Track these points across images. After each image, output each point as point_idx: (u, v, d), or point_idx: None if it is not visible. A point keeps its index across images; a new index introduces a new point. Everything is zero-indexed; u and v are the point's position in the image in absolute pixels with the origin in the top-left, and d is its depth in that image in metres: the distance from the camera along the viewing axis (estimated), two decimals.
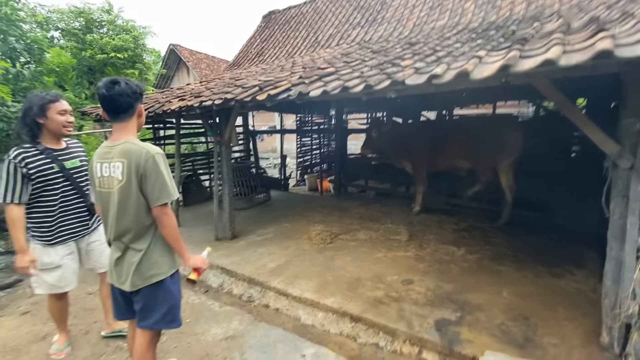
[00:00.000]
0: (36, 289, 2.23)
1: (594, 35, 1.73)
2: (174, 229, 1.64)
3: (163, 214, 1.59)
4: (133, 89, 1.58)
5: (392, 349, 2.44)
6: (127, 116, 1.61)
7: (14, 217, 1.96)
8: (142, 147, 1.56)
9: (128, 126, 1.63)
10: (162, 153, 1.62)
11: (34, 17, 7.85)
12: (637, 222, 1.94)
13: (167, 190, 1.57)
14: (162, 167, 1.57)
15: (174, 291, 1.75)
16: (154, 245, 1.66)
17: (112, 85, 1.54)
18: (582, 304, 2.68)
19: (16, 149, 1.99)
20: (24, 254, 2.01)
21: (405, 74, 2.10)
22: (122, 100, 1.55)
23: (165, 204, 1.59)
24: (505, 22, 4.08)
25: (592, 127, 2.03)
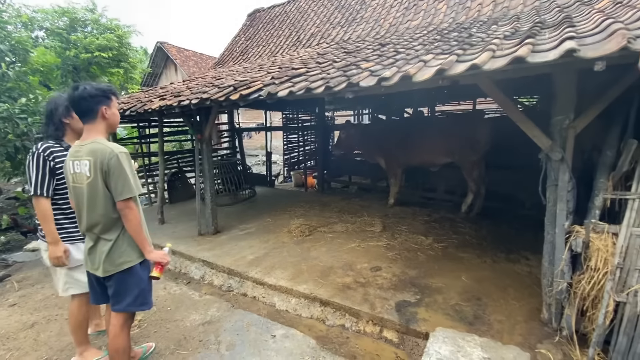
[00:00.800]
0: (68, 290, 2.20)
1: (521, 42, 1.94)
2: (136, 222, 1.76)
3: (126, 207, 1.72)
4: (92, 93, 1.71)
5: (356, 329, 2.66)
6: (90, 118, 1.75)
7: (45, 210, 2.02)
8: (107, 146, 1.71)
9: (94, 127, 1.77)
10: (126, 152, 1.76)
11: (19, 17, 7.83)
12: (565, 209, 2.17)
13: (128, 186, 1.71)
14: (125, 164, 1.71)
15: (144, 277, 1.91)
16: (123, 236, 1.81)
17: (72, 91, 1.71)
18: (531, 285, 2.93)
19: (43, 143, 2.07)
20: (57, 244, 2.05)
21: (361, 77, 2.30)
22: (82, 103, 1.71)
23: (128, 199, 1.72)
24: (471, 24, 4.29)
25: (528, 123, 2.25)
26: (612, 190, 2.06)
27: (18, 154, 5.76)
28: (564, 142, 2.17)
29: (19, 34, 7.54)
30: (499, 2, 4.78)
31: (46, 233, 2.03)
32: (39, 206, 2.01)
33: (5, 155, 5.52)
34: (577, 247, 2.10)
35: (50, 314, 3.00)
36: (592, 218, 2.11)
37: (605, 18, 1.90)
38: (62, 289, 2.21)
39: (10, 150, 5.50)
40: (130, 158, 1.78)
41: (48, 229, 2.02)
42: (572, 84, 2.10)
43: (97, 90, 1.73)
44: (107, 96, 1.78)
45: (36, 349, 2.51)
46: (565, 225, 2.17)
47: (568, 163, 2.17)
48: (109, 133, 1.91)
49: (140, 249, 1.86)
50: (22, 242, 6.51)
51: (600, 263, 1.95)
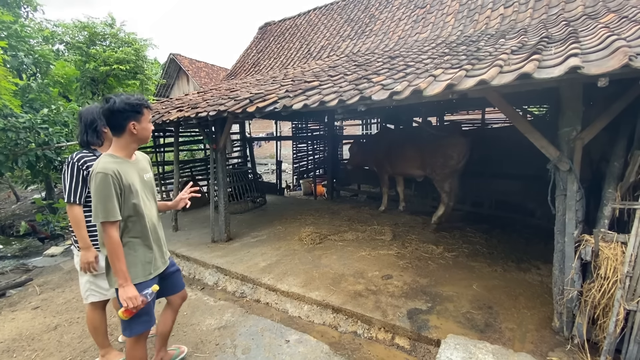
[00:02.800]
0: (89, 297, 2.28)
1: (528, 58, 2.03)
2: (109, 249, 1.66)
3: (102, 230, 1.67)
4: (121, 108, 1.67)
5: (369, 336, 2.71)
6: (118, 132, 1.73)
7: (79, 217, 2.11)
8: (97, 162, 1.69)
9: (118, 141, 1.76)
10: (104, 172, 1.63)
11: (41, 32, 8.22)
12: (574, 218, 2.22)
13: (96, 211, 1.63)
14: (93, 185, 1.63)
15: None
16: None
17: (104, 103, 1.70)
18: (542, 294, 2.95)
19: (77, 153, 2.18)
20: (88, 250, 2.14)
21: (373, 90, 2.41)
22: (112, 118, 1.69)
23: (103, 223, 1.64)
24: (479, 37, 4.40)
25: (536, 134, 2.32)
26: (620, 200, 2.11)
27: (38, 163, 6.01)
28: (571, 153, 2.23)
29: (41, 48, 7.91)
30: (507, 15, 4.88)
31: (78, 239, 2.14)
32: (72, 213, 2.12)
33: (27, 164, 5.76)
34: (586, 256, 2.14)
35: (72, 316, 3.12)
36: (601, 227, 2.15)
37: (609, 34, 1.98)
38: (83, 295, 2.31)
39: (32, 158, 5.74)
40: (105, 179, 1.63)
41: (80, 234, 2.12)
42: (578, 96, 2.17)
43: (127, 105, 1.68)
44: (137, 111, 1.72)
45: (60, 350, 2.62)
46: (575, 234, 2.21)
47: (576, 173, 2.22)
48: (141, 144, 1.88)
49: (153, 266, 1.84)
50: (39, 247, 6.72)
51: (609, 271, 1.99)
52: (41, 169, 6.52)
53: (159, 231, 1.97)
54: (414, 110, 7.46)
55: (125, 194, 1.71)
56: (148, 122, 1.81)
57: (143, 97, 1.79)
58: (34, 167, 6.13)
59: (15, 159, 5.50)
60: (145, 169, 1.92)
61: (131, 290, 1.70)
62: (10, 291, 3.82)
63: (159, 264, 1.92)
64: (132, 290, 1.70)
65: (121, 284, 1.69)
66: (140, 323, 1.82)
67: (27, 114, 5.80)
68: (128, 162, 1.78)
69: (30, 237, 7.47)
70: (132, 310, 1.71)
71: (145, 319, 1.84)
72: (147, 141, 1.88)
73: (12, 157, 5.43)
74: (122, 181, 1.69)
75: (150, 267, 1.84)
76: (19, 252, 6.63)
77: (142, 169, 1.87)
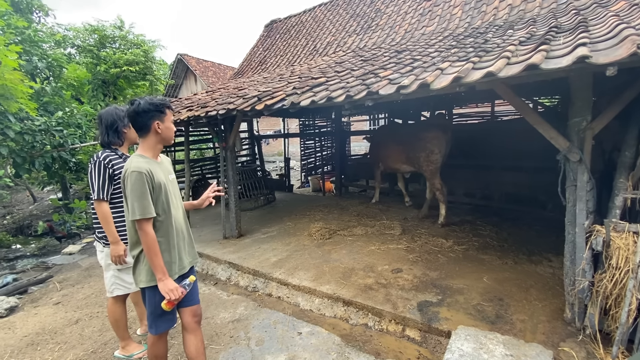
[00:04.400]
0: (115, 291, 2.38)
1: (536, 49, 2.02)
2: (146, 246, 1.70)
3: (139, 229, 1.70)
4: (145, 108, 1.74)
5: (379, 328, 2.75)
6: (144, 132, 1.79)
7: (107, 213, 2.20)
8: (129, 162, 1.73)
9: (145, 141, 1.82)
10: (138, 171, 1.68)
11: (53, 36, 8.42)
12: (584, 208, 2.21)
13: (132, 209, 1.67)
14: (129, 184, 1.67)
15: (154, 301, 1.82)
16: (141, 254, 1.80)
17: (130, 106, 1.77)
18: (554, 286, 2.94)
19: (103, 152, 2.28)
20: (117, 244, 2.23)
21: (380, 85, 2.43)
22: (137, 118, 1.76)
23: (139, 221, 1.68)
24: (487, 28, 4.35)
25: (545, 125, 2.31)
26: (632, 190, 2.09)
27: (54, 164, 6.19)
28: (581, 143, 2.22)
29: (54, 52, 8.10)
30: (515, 6, 4.81)
31: (107, 234, 2.22)
32: (100, 209, 2.20)
33: (43, 166, 5.94)
34: (597, 246, 2.13)
35: (92, 311, 3.23)
36: (613, 217, 2.14)
37: (618, 22, 1.95)
38: (108, 289, 2.41)
39: (48, 160, 5.92)
40: (140, 177, 1.69)
41: (109, 229, 2.21)
42: (588, 86, 2.15)
43: (151, 105, 1.75)
44: (160, 110, 1.78)
45: (82, 342, 2.73)
46: (586, 224, 2.20)
47: (586, 164, 2.21)
48: (165, 145, 1.92)
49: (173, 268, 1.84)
50: (57, 246, 6.93)
51: (621, 261, 1.98)
52: (57, 170, 6.71)
53: (185, 231, 1.98)
54: (422, 104, 7.42)
55: (156, 193, 1.76)
56: (171, 122, 1.87)
57: (165, 99, 1.87)
58: (50, 169, 6.32)
59: (32, 161, 5.68)
60: (169, 170, 1.98)
61: (171, 282, 1.75)
62: (32, 288, 3.97)
63: (185, 264, 1.94)
64: (172, 283, 1.76)
65: (160, 278, 1.73)
66: (165, 321, 1.88)
67: (43, 117, 5.97)
68: (155, 163, 1.84)
69: (48, 237, 7.71)
70: (174, 302, 1.78)
71: (169, 318, 1.90)
72: (171, 141, 1.92)
73: (29, 159, 5.61)
74: (154, 180, 1.74)
75: (175, 266, 1.86)
76: (37, 251, 6.85)
77: (166, 170, 1.93)
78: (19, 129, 5.26)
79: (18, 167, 5.59)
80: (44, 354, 2.60)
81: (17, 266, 5.41)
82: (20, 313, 3.31)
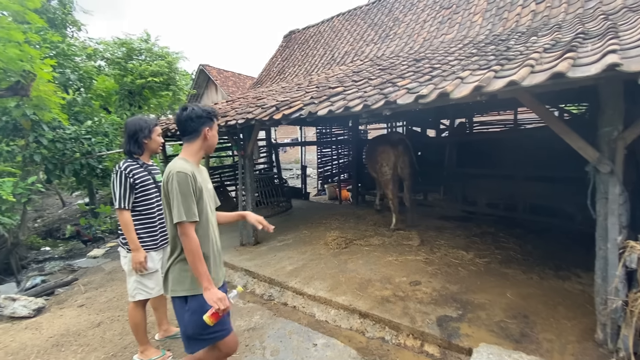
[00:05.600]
0: (137, 295, 2.42)
1: (562, 56, 1.95)
2: (190, 252, 1.60)
3: (181, 233, 1.61)
4: (199, 114, 1.73)
5: (397, 342, 2.67)
6: (190, 138, 1.76)
7: (128, 221, 2.26)
8: (173, 164, 1.67)
9: (190, 146, 1.78)
10: (184, 172, 1.62)
11: (84, 49, 8.89)
12: (616, 222, 2.09)
13: (178, 211, 1.58)
14: (176, 185, 1.60)
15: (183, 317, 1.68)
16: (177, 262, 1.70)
17: (181, 111, 1.75)
18: (583, 304, 2.77)
19: (124, 161, 2.36)
20: (138, 251, 2.29)
21: (398, 94, 2.41)
22: (189, 124, 1.73)
23: (182, 224, 1.58)
24: (509, 35, 4.25)
25: (573, 135, 2.21)
26: None
27: (82, 171, 6.49)
28: (612, 154, 2.11)
29: (85, 65, 8.55)
30: (539, 12, 4.69)
31: (129, 241, 2.29)
32: (122, 217, 2.27)
33: (72, 172, 6.23)
34: (631, 263, 2.00)
35: (113, 314, 3.32)
36: None
37: None
38: (131, 294, 2.46)
39: (77, 167, 6.21)
40: (187, 180, 1.63)
41: (130, 237, 2.27)
42: (619, 94, 2.05)
43: (204, 112, 1.76)
44: (210, 118, 1.79)
45: (103, 345, 2.80)
46: (618, 240, 2.08)
47: (618, 176, 2.10)
48: (207, 153, 1.90)
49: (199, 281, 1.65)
50: (83, 249, 7.21)
51: None
52: (85, 176, 7.02)
53: (219, 243, 1.90)
54: (441, 113, 7.31)
55: (197, 197, 1.69)
56: (216, 131, 1.87)
57: (215, 109, 1.89)
58: (79, 175, 6.61)
59: (62, 168, 5.97)
60: (207, 180, 1.94)
61: (217, 291, 1.62)
62: (58, 290, 4.14)
63: (220, 276, 1.83)
64: (219, 292, 1.63)
65: (207, 287, 1.61)
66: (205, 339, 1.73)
67: (73, 126, 6.29)
68: (197, 168, 1.81)
69: (75, 240, 8.03)
70: (221, 313, 1.60)
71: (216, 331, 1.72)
72: (212, 151, 1.94)
73: (60, 165, 5.91)
74: (197, 184, 1.69)
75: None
76: (64, 254, 7.14)
77: (205, 179, 1.89)
78: (52, 137, 5.56)
79: (49, 173, 5.90)
80: (67, 355, 2.68)
81: (46, 268, 5.65)
82: (47, 314, 3.44)
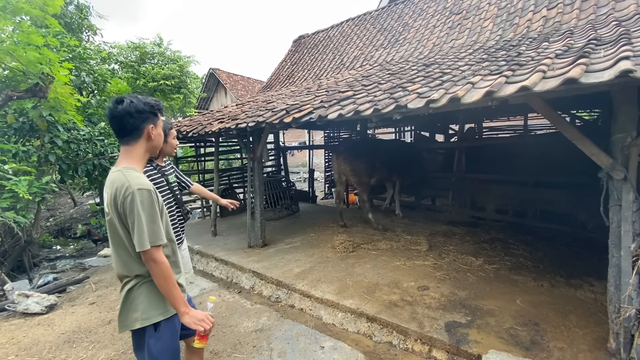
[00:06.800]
0: None
1: (574, 62, 1.95)
2: (162, 278, 1.36)
3: (147, 260, 1.35)
4: (139, 108, 1.40)
5: (404, 347, 2.66)
6: (131, 139, 1.42)
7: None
8: (127, 179, 1.33)
9: (132, 150, 1.43)
10: (147, 189, 1.35)
11: (99, 53, 9.12)
12: (630, 230, 2.06)
13: (141, 237, 1.31)
14: (139, 206, 1.32)
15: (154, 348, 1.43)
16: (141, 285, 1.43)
17: (115, 104, 1.38)
18: (596, 312, 2.73)
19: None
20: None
21: (409, 99, 2.42)
22: (126, 120, 1.37)
23: (146, 251, 1.32)
24: (519, 41, 4.24)
25: (585, 141, 2.20)
26: None
27: (94, 171, 6.62)
28: (626, 160, 2.08)
29: (100, 68, 8.77)
30: (550, 17, 4.67)
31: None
32: None
33: (85, 172, 6.37)
34: None
35: None
36: None
37: None
38: None
39: (90, 167, 6.33)
40: (151, 198, 1.37)
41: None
42: (632, 100, 2.04)
43: (145, 105, 1.42)
44: (154, 113, 1.46)
45: (113, 342, 2.85)
46: (632, 247, 2.05)
47: (632, 182, 2.07)
48: (151, 156, 1.59)
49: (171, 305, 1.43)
50: (93, 249, 7.34)
51: None
52: (96, 177, 7.16)
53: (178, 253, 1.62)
54: (450, 117, 7.29)
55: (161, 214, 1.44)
56: (162, 129, 1.55)
57: (159, 100, 1.56)
58: (91, 175, 6.75)
59: (75, 168, 6.11)
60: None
61: (197, 312, 1.46)
62: (70, 287, 4.21)
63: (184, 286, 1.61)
64: (198, 312, 1.46)
65: (184, 312, 1.41)
66: None
67: (87, 127, 6.44)
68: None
69: (85, 239, 8.18)
70: (208, 332, 1.48)
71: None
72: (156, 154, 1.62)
73: (73, 166, 6.04)
74: (160, 199, 1.45)
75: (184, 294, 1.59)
76: (75, 253, 7.28)
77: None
78: (66, 138, 5.69)
79: (63, 173, 6.03)
80: (78, 351, 2.73)
81: (58, 266, 5.77)
82: (58, 311, 3.51)
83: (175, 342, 1.51)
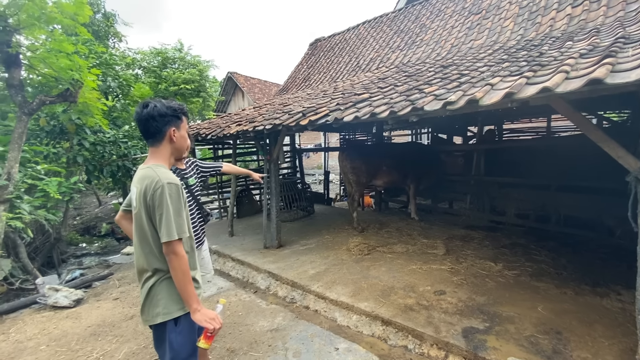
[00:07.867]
0: None
1: (599, 62, 1.89)
2: (180, 272, 1.42)
3: (170, 252, 1.41)
4: (162, 112, 1.48)
5: (420, 352, 2.63)
6: (156, 141, 1.52)
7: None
8: (157, 174, 1.43)
9: (158, 151, 1.53)
10: (176, 183, 1.45)
11: (124, 59, 9.51)
12: None
13: (169, 228, 1.38)
14: (168, 199, 1.40)
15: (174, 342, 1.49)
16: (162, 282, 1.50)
17: (141, 109, 1.49)
18: (624, 323, 2.61)
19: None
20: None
21: (425, 101, 2.40)
22: (150, 123, 1.48)
23: (171, 242, 1.39)
24: (542, 41, 4.12)
25: (612, 143, 2.12)
26: None
27: (118, 172, 6.89)
28: None
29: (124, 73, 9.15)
30: (575, 15, 4.51)
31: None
32: None
33: (110, 173, 6.64)
34: None
35: None
36: None
37: None
38: None
39: (114, 169, 6.60)
40: (179, 192, 1.46)
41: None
42: None
43: (168, 108, 1.51)
44: (177, 116, 1.54)
45: (136, 337, 2.95)
46: None
47: None
48: (176, 158, 1.64)
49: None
50: (116, 246, 7.61)
51: None
52: (120, 177, 7.45)
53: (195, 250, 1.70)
54: (468, 119, 7.15)
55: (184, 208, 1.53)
56: (186, 131, 1.63)
57: (183, 104, 1.63)
58: (115, 176, 7.03)
59: (101, 169, 6.38)
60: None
61: (208, 311, 1.49)
62: (95, 283, 4.40)
63: (201, 291, 1.67)
64: (209, 311, 1.50)
65: (196, 309, 1.46)
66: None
67: (112, 130, 6.72)
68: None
69: (109, 237, 8.50)
70: (215, 333, 1.50)
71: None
72: (183, 154, 1.66)
73: (99, 167, 6.32)
74: (184, 194, 1.53)
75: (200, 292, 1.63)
76: (100, 250, 7.57)
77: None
78: (93, 140, 5.96)
79: (89, 174, 6.32)
80: (103, 344, 2.85)
81: (84, 263, 6.02)
82: (85, 305, 3.67)
83: (194, 335, 1.55)
